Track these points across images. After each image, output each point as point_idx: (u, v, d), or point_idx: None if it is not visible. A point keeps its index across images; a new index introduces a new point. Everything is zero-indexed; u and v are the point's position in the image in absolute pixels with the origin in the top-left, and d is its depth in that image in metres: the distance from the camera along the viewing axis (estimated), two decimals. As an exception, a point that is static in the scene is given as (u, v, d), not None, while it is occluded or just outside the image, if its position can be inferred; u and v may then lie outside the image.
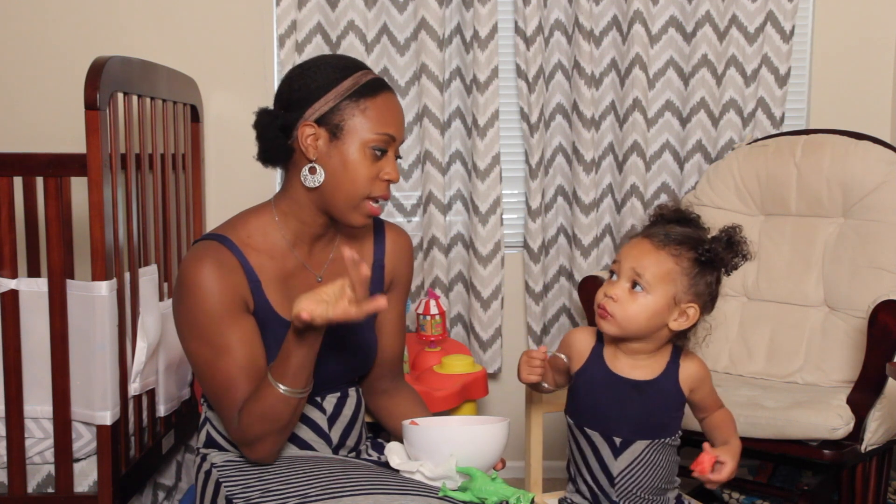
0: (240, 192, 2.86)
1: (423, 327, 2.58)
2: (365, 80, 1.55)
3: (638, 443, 1.56)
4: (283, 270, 1.59)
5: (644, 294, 1.51)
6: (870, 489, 2.23)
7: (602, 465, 1.59)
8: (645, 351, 1.57)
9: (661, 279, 1.51)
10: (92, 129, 1.89)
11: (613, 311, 1.52)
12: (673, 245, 1.52)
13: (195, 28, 2.87)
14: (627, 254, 1.55)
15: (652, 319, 1.52)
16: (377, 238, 1.72)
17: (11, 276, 2.00)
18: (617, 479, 1.57)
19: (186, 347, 1.54)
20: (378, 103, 1.54)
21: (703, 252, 1.52)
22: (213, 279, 1.49)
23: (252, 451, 1.53)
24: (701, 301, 1.54)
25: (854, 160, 2.49)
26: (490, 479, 1.43)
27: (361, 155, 1.52)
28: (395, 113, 1.56)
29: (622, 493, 1.58)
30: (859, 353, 2.24)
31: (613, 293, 1.53)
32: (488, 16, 2.77)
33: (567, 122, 2.91)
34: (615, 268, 1.56)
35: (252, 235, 1.57)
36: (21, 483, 2.00)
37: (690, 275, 1.52)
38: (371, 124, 1.53)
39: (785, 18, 2.84)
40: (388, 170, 1.55)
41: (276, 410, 1.47)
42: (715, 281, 1.55)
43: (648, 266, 1.51)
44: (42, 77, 2.85)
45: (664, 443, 1.58)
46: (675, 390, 1.57)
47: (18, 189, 2.26)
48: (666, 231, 1.55)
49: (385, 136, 1.54)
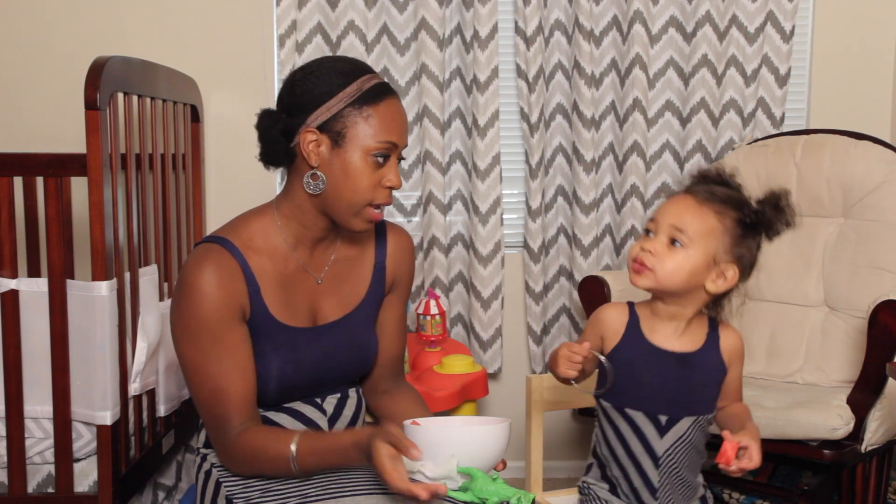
0: (240, 192, 2.86)
1: (423, 327, 2.58)
2: (368, 85, 1.53)
3: (684, 420, 1.50)
4: (284, 273, 1.59)
5: (683, 250, 1.44)
6: (870, 489, 2.23)
7: (646, 447, 1.52)
8: (682, 317, 1.50)
9: (702, 235, 1.44)
10: (92, 129, 1.88)
11: (652, 264, 1.45)
12: (717, 202, 1.46)
13: (195, 28, 2.87)
14: (667, 209, 1.48)
15: (691, 277, 1.45)
16: (378, 239, 1.71)
17: (11, 276, 1.99)
18: (661, 459, 1.51)
19: (178, 349, 1.55)
20: (381, 110, 1.52)
21: (749, 213, 1.46)
22: (212, 284, 1.49)
23: (230, 465, 1.56)
24: (741, 264, 1.47)
25: (854, 160, 2.49)
26: (491, 480, 1.43)
27: (363, 163, 1.52)
28: (398, 119, 1.55)
29: (665, 474, 1.52)
30: (859, 353, 2.24)
31: (651, 247, 1.45)
32: (488, 16, 2.77)
33: (567, 122, 2.91)
34: (651, 226, 1.49)
35: (254, 238, 1.57)
36: (21, 483, 2.00)
37: (733, 235, 1.46)
38: (373, 132, 1.51)
39: (785, 18, 2.84)
40: (390, 176, 1.54)
41: (271, 465, 1.50)
42: (756, 246, 1.48)
43: (690, 221, 1.45)
44: (42, 77, 2.85)
45: (706, 419, 1.53)
46: (718, 362, 1.52)
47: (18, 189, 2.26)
48: (710, 189, 1.48)
49: (387, 144, 1.53)
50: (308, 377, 1.60)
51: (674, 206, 1.48)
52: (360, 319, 1.67)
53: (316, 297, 1.63)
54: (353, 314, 1.66)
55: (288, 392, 1.59)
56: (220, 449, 1.54)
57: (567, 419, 3.08)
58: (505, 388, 3.00)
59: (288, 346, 1.57)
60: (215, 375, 1.50)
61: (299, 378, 1.59)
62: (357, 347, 1.66)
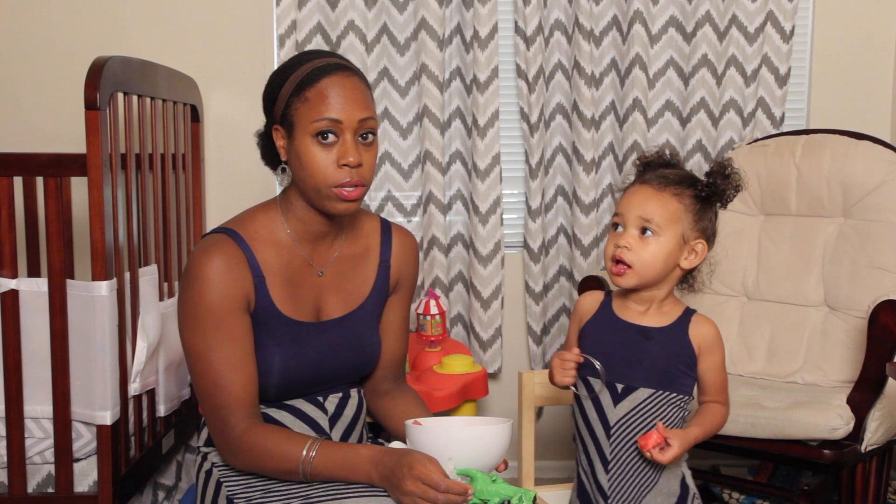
0: (240, 192, 2.86)
1: (423, 327, 2.58)
2: (307, 69, 1.52)
3: (641, 390, 1.54)
4: (289, 266, 1.60)
5: (655, 238, 1.52)
6: (870, 489, 2.23)
7: (601, 415, 1.56)
8: (655, 298, 1.58)
9: (669, 220, 1.53)
10: (92, 129, 1.89)
11: (631, 260, 1.52)
12: (673, 185, 1.54)
13: (195, 28, 2.87)
14: (630, 202, 1.55)
15: (667, 261, 1.54)
16: (384, 239, 1.72)
17: (11, 276, 2.00)
18: (614, 427, 1.55)
19: (182, 337, 1.56)
20: (318, 90, 1.50)
21: (703, 187, 1.55)
22: (218, 273, 1.51)
23: (229, 458, 1.55)
24: (705, 236, 1.56)
25: (854, 160, 2.49)
26: (490, 480, 1.43)
27: (311, 145, 1.51)
28: (338, 94, 1.50)
29: (618, 446, 1.55)
30: (859, 353, 2.24)
31: (626, 242, 1.53)
32: (488, 16, 2.77)
33: (567, 122, 2.91)
34: (618, 220, 1.56)
35: (259, 230, 1.59)
36: (21, 483, 2.00)
37: (694, 211, 1.54)
38: (311, 113, 1.50)
39: (785, 18, 2.84)
40: (342, 153, 1.50)
41: (276, 466, 1.50)
42: (714, 215, 1.58)
43: (655, 209, 1.52)
44: (42, 77, 2.85)
45: (669, 397, 1.54)
46: (685, 342, 1.56)
47: (18, 189, 2.26)
48: (662, 174, 1.56)
49: (325, 121, 1.49)
50: (311, 373, 1.60)
51: (636, 198, 1.55)
52: (363, 317, 1.67)
53: (320, 293, 1.63)
54: (356, 312, 1.66)
55: (290, 387, 1.59)
56: (220, 442, 1.54)
57: (566, 418, 3.08)
58: (505, 388, 3.00)
59: (291, 339, 1.58)
60: (217, 364, 1.51)
61: (302, 373, 1.59)
62: (360, 345, 1.66)
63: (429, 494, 1.37)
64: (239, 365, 1.52)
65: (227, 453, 1.55)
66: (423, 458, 1.40)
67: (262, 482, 1.54)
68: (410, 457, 1.41)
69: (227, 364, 1.51)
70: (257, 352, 1.56)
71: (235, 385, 1.51)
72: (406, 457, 1.41)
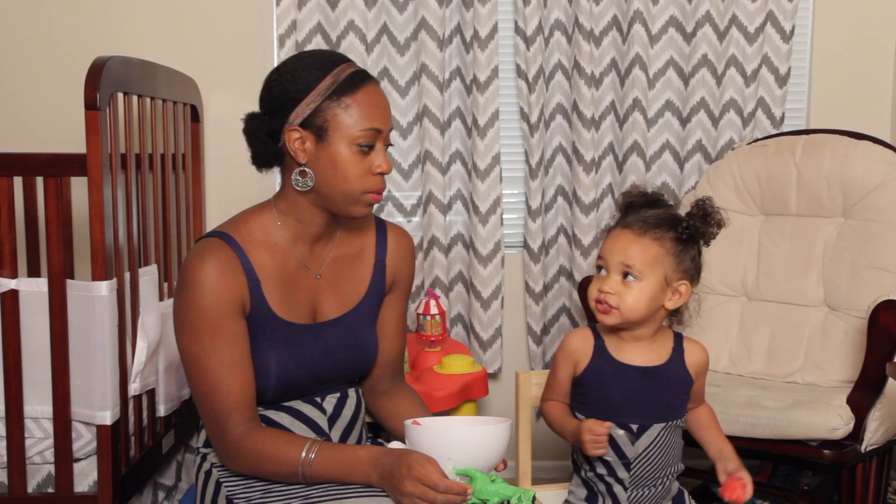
0: (240, 192, 2.85)
1: (423, 327, 2.58)
2: (344, 75, 1.53)
3: (654, 427, 1.59)
4: (284, 269, 1.59)
5: (637, 282, 1.56)
6: (870, 489, 2.23)
7: (618, 452, 1.60)
8: (646, 336, 1.62)
9: (650, 265, 1.56)
10: (92, 129, 1.88)
11: (616, 303, 1.56)
12: (653, 229, 1.57)
13: (195, 28, 2.87)
14: (612, 247, 1.59)
15: (651, 304, 1.57)
16: (379, 238, 1.72)
17: (11, 276, 1.99)
18: (633, 464, 1.60)
19: (179, 343, 1.55)
20: (359, 99, 1.52)
21: (683, 230, 1.58)
22: (213, 278, 1.50)
23: (228, 462, 1.55)
24: (689, 276, 1.60)
25: (854, 160, 2.49)
26: (490, 480, 1.43)
27: (350, 153, 1.52)
28: (378, 105, 1.55)
29: (636, 478, 1.61)
30: (859, 353, 2.24)
31: (609, 288, 1.57)
32: (488, 16, 2.77)
33: (567, 122, 2.91)
34: (602, 263, 1.60)
35: (254, 233, 1.58)
36: (21, 483, 2.00)
37: (675, 253, 1.57)
38: (354, 121, 1.52)
39: (785, 18, 2.84)
40: (378, 162, 1.54)
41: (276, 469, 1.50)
42: (697, 254, 1.61)
43: (636, 255, 1.56)
44: (42, 77, 2.85)
45: (677, 423, 1.62)
46: (684, 374, 1.62)
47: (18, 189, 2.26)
48: (642, 217, 1.59)
49: (371, 131, 1.53)
50: (308, 374, 1.60)
51: (618, 244, 1.59)
52: (360, 317, 1.67)
53: (316, 294, 1.63)
54: (352, 312, 1.66)
55: (287, 389, 1.59)
56: (219, 445, 1.54)
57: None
58: (505, 388, 3.00)
59: (287, 341, 1.58)
60: (214, 369, 1.51)
61: (299, 375, 1.59)
62: (357, 345, 1.66)
63: (428, 495, 1.37)
64: (235, 369, 1.52)
65: (225, 457, 1.54)
66: (422, 458, 1.40)
67: (262, 482, 1.54)
68: (409, 457, 1.41)
69: (223, 368, 1.51)
70: (254, 355, 1.55)
71: (232, 389, 1.51)
72: (404, 457, 1.41)
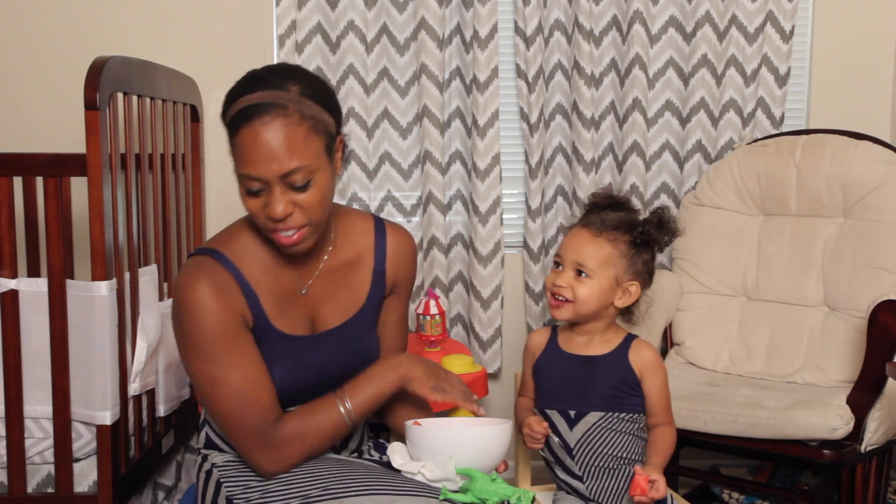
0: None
1: (423, 327, 2.58)
2: (234, 111, 1.44)
3: (591, 414, 1.64)
4: (278, 284, 1.58)
5: (589, 279, 1.64)
6: (870, 489, 2.23)
7: (562, 440, 1.66)
8: (597, 331, 1.69)
9: (602, 264, 1.64)
10: (92, 129, 1.89)
11: (568, 296, 1.65)
12: (609, 231, 1.65)
13: (195, 28, 2.87)
14: (569, 245, 1.68)
15: (601, 300, 1.65)
16: (378, 241, 1.69)
17: (11, 276, 2.00)
18: (575, 449, 1.65)
19: (189, 366, 1.52)
20: (240, 141, 1.43)
21: (637, 234, 1.66)
22: (209, 298, 1.48)
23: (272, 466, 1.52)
24: (640, 279, 1.68)
25: (854, 160, 2.49)
26: (490, 480, 1.43)
27: (244, 190, 1.48)
28: (256, 150, 1.41)
29: (582, 466, 1.65)
30: (859, 353, 2.24)
31: (562, 282, 1.65)
32: (488, 16, 2.77)
33: (567, 122, 2.91)
34: (559, 259, 1.68)
35: (245, 249, 1.56)
36: (21, 483, 2.00)
37: (628, 256, 1.66)
38: (236, 164, 1.47)
39: (785, 18, 2.84)
40: (267, 206, 1.45)
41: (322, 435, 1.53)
42: (650, 258, 1.69)
43: (589, 254, 1.65)
44: (42, 77, 2.85)
45: (620, 417, 1.64)
46: (626, 367, 1.66)
47: (18, 189, 2.26)
48: (601, 218, 1.67)
49: (246, 177, 1.44)
50: (312, 383, 1.59)
51: (574, 242, 1.68)
52: (360, 325, 1.66)
53: (314, 306, 1.62)
54: (353, 320, 1.65)
55: (292, 398, 1.58)
56: (260, 454, 1.50)
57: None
58: (505, 388, 3.00)
59: (290, 354, 1.57)
60: (240, 384, 1.49)
61: (302, 384, 1.58)
62: (359, 352, 1.65)
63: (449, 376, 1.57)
64: (261, 378, 1.51)
65: (270, 463, 1.51)
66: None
67: (262, 483, 1.54)
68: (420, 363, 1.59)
69: (249, 381, 1.50)
70: None
71: (263, 399, 1.50)
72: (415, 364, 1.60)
